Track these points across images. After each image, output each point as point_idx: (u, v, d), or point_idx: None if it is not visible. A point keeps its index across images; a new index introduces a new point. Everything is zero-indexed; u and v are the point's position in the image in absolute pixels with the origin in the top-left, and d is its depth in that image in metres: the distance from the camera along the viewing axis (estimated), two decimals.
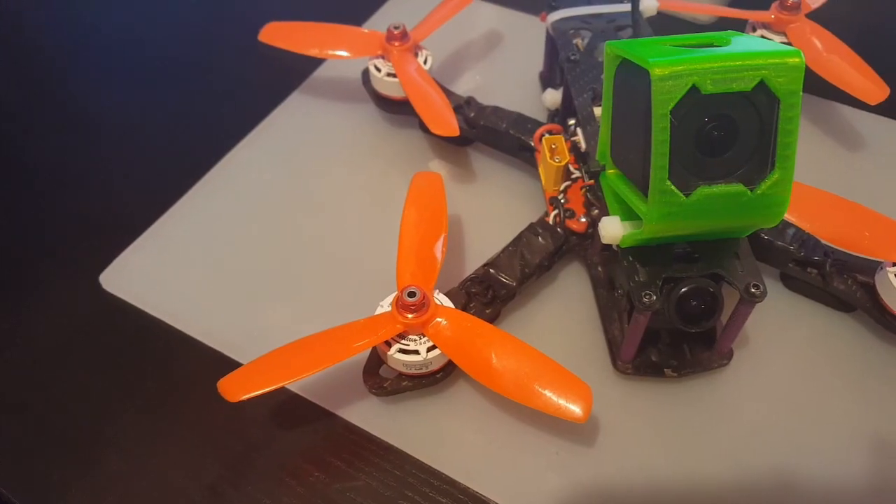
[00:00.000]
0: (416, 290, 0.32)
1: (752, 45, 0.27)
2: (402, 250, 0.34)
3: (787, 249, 0.37)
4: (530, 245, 0.38)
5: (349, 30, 0.47)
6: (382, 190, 0.44)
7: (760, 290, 0.30)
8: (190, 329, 0.39)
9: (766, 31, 0.46)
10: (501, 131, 0.43)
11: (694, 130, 0.27)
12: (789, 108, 0.26)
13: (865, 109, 0.45)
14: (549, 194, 0.40)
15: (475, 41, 0.54)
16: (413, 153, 0.47)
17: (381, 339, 0.32)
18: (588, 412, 0.30)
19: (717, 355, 0.35)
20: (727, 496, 0.32)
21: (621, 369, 0.35)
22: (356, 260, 0.41)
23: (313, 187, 0.45)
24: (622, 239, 0.31)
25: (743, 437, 0.34)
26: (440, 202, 0.37)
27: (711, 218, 0.28)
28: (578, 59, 0.41)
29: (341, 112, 0.49)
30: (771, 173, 0.27)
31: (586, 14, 0.44)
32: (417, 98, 0.42)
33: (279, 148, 0.47)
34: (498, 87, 0.51)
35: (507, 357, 0.31)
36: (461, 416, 0.35)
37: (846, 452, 0.33)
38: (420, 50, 0.46)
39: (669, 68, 0.25)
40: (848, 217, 0.35)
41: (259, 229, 0.43)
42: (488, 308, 0.36)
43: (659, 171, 0.27)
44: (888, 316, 0.35)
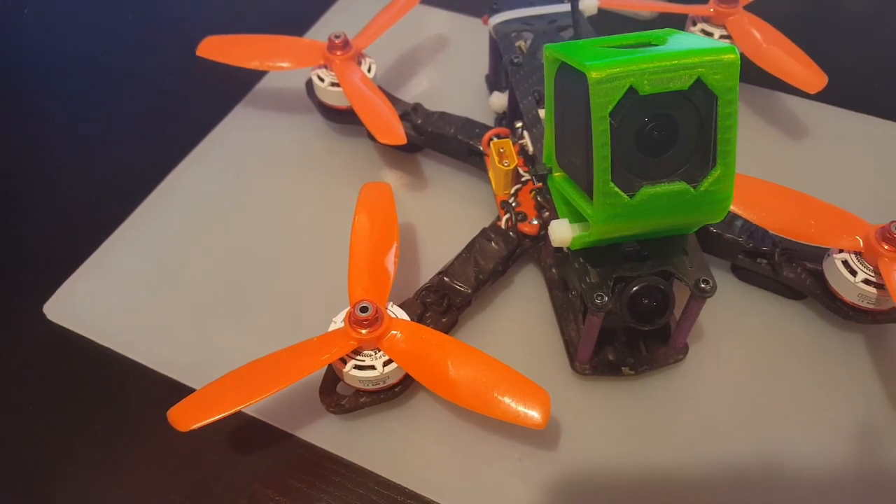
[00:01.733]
0: (368, 305, 0.31)
1: (689, 43, 0.27)
2: (353, 264, 0.34)
3: (735, 241, 0.37)
4: (484, 251, 0.38)
5: (290, 40, 0.46)
6: (333, 201, 0.44)
7: (710, 285, 0.31)
8: (140, 357, 0.37)
9: (705, 25, 0.47)
10: (449, 137, 0.43)
11: (634, 131, 0.27)
12: (727, 104, 0.26)
13: (806, 97, 0.46)
14: (501, 198, 0.40)
15: (420, 46, 0.54)
16: (362, 162, 0.46)
17: (335, 356, 0.31)
18: (547, 418, 0.30)
19: (672, 351, 0.35)
20: (690, 490, 0.33)
21: (579, 370, 0.35)
22: (310, 275, 0.40)
23: (262, 202, 0.44)
24: (572, 241, 0.31)
25: (702, 430, 0.34)
26: (390, 212, 0.36)
27: (657, 217, 0.28)
28: (521, 62, 0.41)
29: (287, 124, 0.48)
30: (713, 170, 0.27)
31: (528, 16, 0.44)
32: (362, 107, 0.41)
33: (224, 164, 0.46)
34: (445, 91, 0.51)
35: (464, 366, 0.31)
36: (422, 428, 0.34)
37: (804, 437, 0.34)
38: (363, 58, 0.45)
39: (606, 71, 0.25)
40: (793, 207, 0.36)
41: (207, 249, 0.42)
42: (445, 317, 0.36)
43: (602, 173, 0.27)
44: (837, 302, 0.36)
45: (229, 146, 0.47)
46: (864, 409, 0.35)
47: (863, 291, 0.34)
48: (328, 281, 0.37)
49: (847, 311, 0.35)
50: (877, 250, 0.34)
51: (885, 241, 0.34)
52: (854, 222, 0.35)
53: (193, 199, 0.44)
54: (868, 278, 0.34)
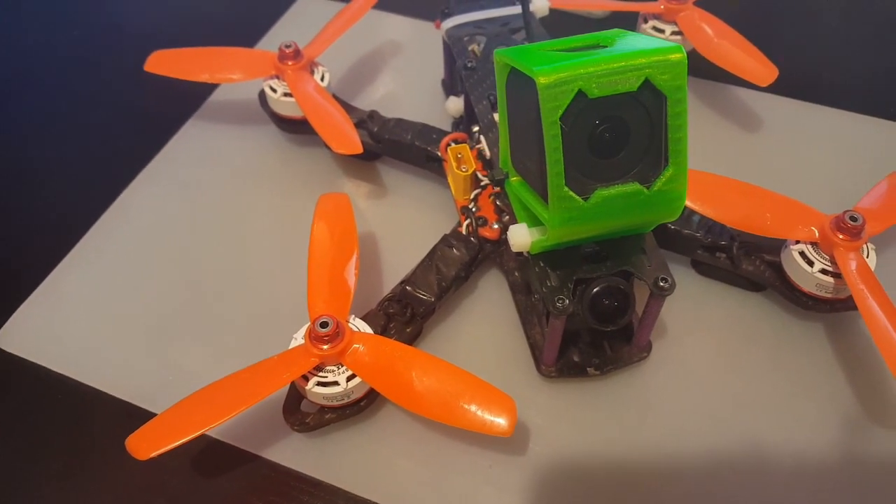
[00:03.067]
0: (328, 320, 0.31)
1: (636, 44, 0.27)
2: (311, 278, 0.33)
3: (694, 237, 0.37)
4: (445, 257, 0.38)
5: (239, 52, 0.45)
6: (291, 214, 0.43)
7: (668, 283, 0.31)
8: (98, 383, 0.36)
9: (657, 22, 0.47)
10: (407, 144, 0.43)
11: (586, 134, 0.27)
12: (676, 103, 0.26)
13: (758, 90, 0.46)
14: (460, 203, 0.40)
15: (374, 53, 0.53)
16: (320, 172, 0.45)
17: (296, 374, 0.30)
18: (513, 425, 0.30)
19: (636, 349, 0.35)
20: (661, 485, 0.33)
21: (545, 373, 0.35)
22: (271, 290, 0.40)
23: (218, 218, 0.43)
24: (531, 246, 0.31)
25: (670, 426, 0.34)
26: (348, 223, 0.36)
27: (612, 218, 0.28)
28: (475, 66, 0.40)
29: (242, 136, 0.48)
30: (665, 169, 0.27)
31: (480, 19, 0.44)
32: (316, 117, 0.40)
33: (179, 180, 0.45)
34: (402, 97, 0.50)
35: (428, 377, 0.30)
36: (390, 441, 0.34)
37: (770, 427, 0.34)
38: (316, 67, 0.45)
39: (554, 76, 0.25)
40: (749, 200, 0.36)
41: (164, 268, 0.41)
42: (409, 326, 0.36)
43: (555, 178, 0.27)
44: (796, 292, 0.36)
45: (183, 161, 0.46)
46: (827, 396, 0.35)
47: (820, 281, 0.35)
48: (290, 295, 0.37)
49: (806, 301, 0.36)
50: (832, 240, 0.34)
51: (840, 231, 0.34)
52: (809, 213, 0.36)
53: (147, 217, 0.43)
54: (825, 268, 0.35)
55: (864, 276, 0.33)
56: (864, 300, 0.33)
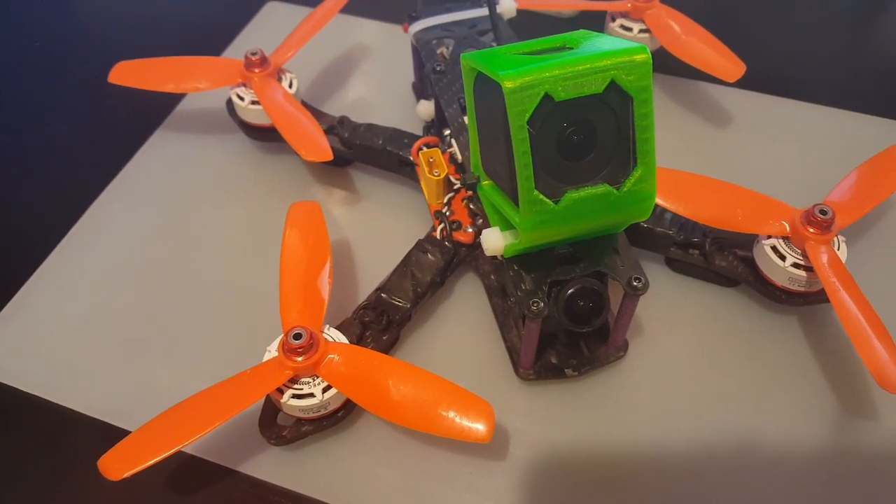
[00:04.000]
0: (301, 331, 0.30)
1: (602, 45, 0.27)
2: (284, 289, 0.33)
3: (667, 234, 0.37)
4: (420, 263, 0.37)
5: (205, 60, 0.45)
6: (263, 222, 0.42)
7: (642, 283, 0.31)
8: (71, 402, 0.36)
9: (624, 20, 0.47)
10: (378, 149, 0.43)
11: (554, 137, 0.27)
12: (642, 104, 0.26)
13: (727, 85, 0.47)
14: (434, 208, 0.40)
15: (343, 57, 0.53)
16: (291, 180, 0.45)
17: (271, 387, 0.30)
18: (492, 431, 0.30)
19: (612, 349, 0.35)
20: (642, 483, 0.33)
21: (523, 376, 0.35)
22: (245, 301, 0.39)
23: (189, 229, 0.43)
24: (504, 249, 0.31)
25: (649, 424, 0.34)
26: (320, 232, 0.36)
27: (583, 220, 0.28)
28: (444, 70, 0.40)
29: (211, 145, 0.47)
30: (634, 170, 0.27)
31: (447, 22, 0.43)
32: (284, 125, 0.40)
33: (148, 192, 0.45)
34: (372, 102, 0.50)
35: (405, 385, 0.30)
36: (370, 451, 0.33)
37: (747, 421, 0.34)
38: (284, 73, 0.44)
39: (520, 79, 0.25)
40: (720, 197, 0.36)
41: (135, 282, 0.40)
42: (385, 334, 0.35)
43: (525, 181, 0.27)
44: (769, 286, 0.36)
45: (151, 173, 0.46)
46: (804, 387, 0.35)
47: (793, 275, 0.35)
48: (264, 306, 0.36)
49: (779, 294, 0.36)
50: (803, 234, 0.34)
51: (810, 225, 0.34)
52: (779, 208, 0.36)
53: (116, 231, 0.43)
54: (797, 262, 0.35)
55: (836, 268, 0.34)
56: (836, 293, 0.33)
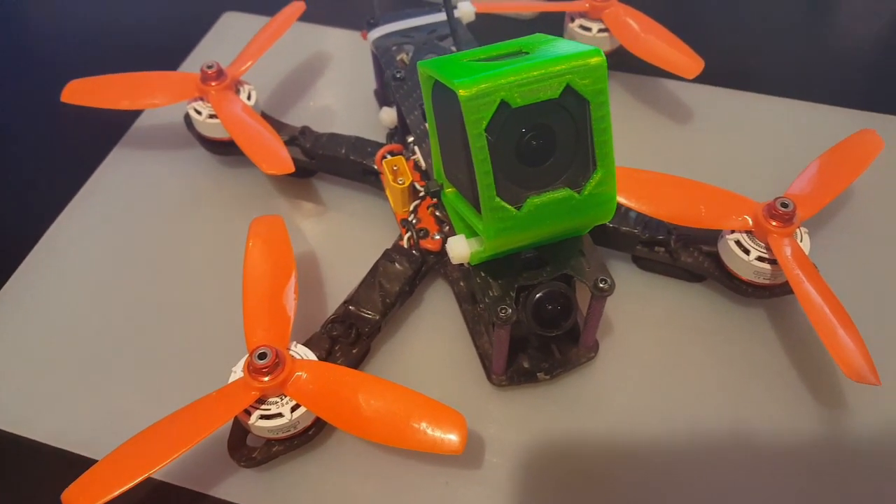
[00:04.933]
0: (266, 351, 0.30)
1: (557, 50, 0.27)
2: (247, 307, 0.32)
3: (632, 233, 0.38)
4: (388, 273, 0.37)
5: (160, 76, 0.44)
6: (227, 238, 0.42)
7: (608, 284, 0.31)
8: (34, 433, 0.35)
9: (583, 20, 0.47)
10: (341, 158, 0.42)
11: (513, 144, 0.27)
12: (599, 107, 0.26)
13: (687, 80, 0.47)
14: (400, 216, 0.39)
15: (303, 66, 0.52)
16: (254, 193, 0.44)
17: (237, 409, 0.29)
18: (464, 442, 0.29)
19: (583, 350, 0.35)
20: (620, 481, 0.33)
21: (496, 382, 0.35)
22: (210, 320, 0.38)
23: (151, 248, 0.42)
24: (470, 257, 0.31)
25: (624, 421, 0.34)
26: (284, 246, 0.35)
27: (546, 225, 0.28)
28: (404, 76, 0.40)
29: (170, 161, 0.46)
30: (594, 173, 0.27)
31: (406, 28, 0.43)
32: (243, 138, 0.39)
33: (107, 212, 0.44)
34: (335, 110, 0.49)
35: (376, 400, 0.30)
36: (343, 467, 0.33)
37: (720, 412, 0.35)
38: (242, 85, 0.44)
39: (475, 87, 0.25)
40: (682, 194, 0.36)
41: (96, 306, 0.39)
42: (355, 347, 0.35)
43: (486, 189, 0.27)
44: (735, 281, 0.37)
45: (110, 193, 0.45)
46: (773, 378, 0.36)
47: (757, 268, 0.35)
48: (230, 325, 0.35)
49: (745, 288, 0.36)
50: (765, 227, 0.35)
51: (773, 218, 0.35)
52: (742, 202, 0.36)
53: (76, 254, 0.42)
54: (761, 255, 0.35)
55: (799, 260, 0.34)
56: (800, 285, 0.33)
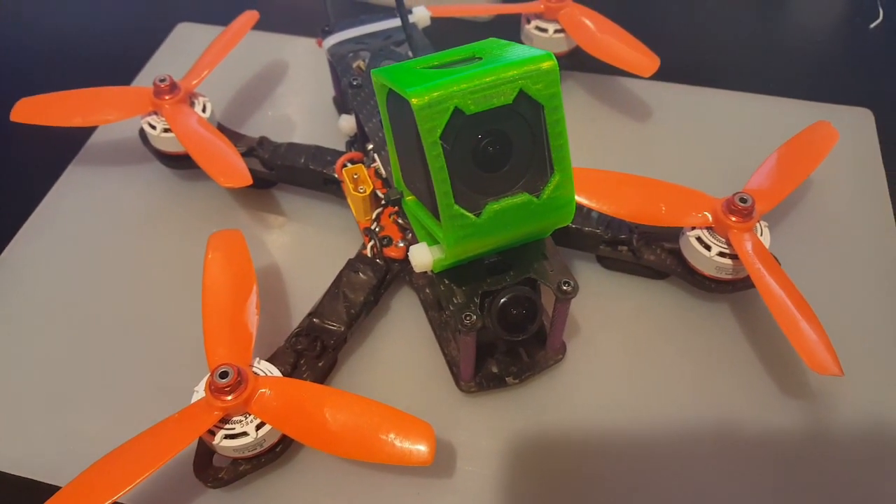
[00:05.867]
0: (228, 369, 0.29)
1: (509, 55, 0.27)
2: (207, 325, 0.32)
3: (595, 233, 0.38)
4: (352, 283, 0.37)
5: (112, 91, 0.43)
6: (187, 255, 0.41)
7: (571, 286, 0.31)
8: None
9: (539, 22, 0.47)
10: (301, 168, 0.42)
11: (469, 150, 0.26)
12: (553, 111, 0.26)
13: (645, 78, 0.47)
14: (363, 225, 0.39)
15: (261, 75, 0.51)
16: (214, 207, 0.43)
17: (201, 430, 0.29)
18: (433, 452, 0.29)
19: (551, 353, 0.35)
20: (593, 481, 0.33)
21: (465, 389, 0.35)
22: (173, 339, 0.37)
23: (109, 268, 0.41)
24: (433, 264, 0.30)
25: (594, 421, 0.34)
26: (243, 261, 0.34)
27: (507, 230, 0.28)
28: (361, 84, 0.40)
29: (127, 177, 0.45)
30: (552, 177, 0.27)
31: (361, 34, 0.43)
32: (198, 152, 0.39)
33: (63, 232, 0.43)
34: (294, 119, 0.49)
35: (342, 414, 0.29)
36: (312, 483, 0.32)
37: (688, 407, 0.35)
38: (196, 98, 0.43)
39: (427, 95, 0.25)
40: (642, 193, 0.37)
41: (55, 329, 0.38)
42: (321, 360, 0.34)
43: (444, 197, 0.26)
44: (698, 277, 0.37)
45: (66, 212, 0.44)
46: (739, 373, 0.36)
47: (719, 264, 0.35)
48: (193, 344, 0.35)
49: (708, 284, 0.37)
50: (725, 223, 0.35)
51: (732, 213, 0.35)
52: (701, 199, 0.36)
53: (32, 276, 0.41)
54: (722, 251, 0.35)
55: (760, 255, 0.34)
56: (762, 279, 0.33)
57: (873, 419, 0.34)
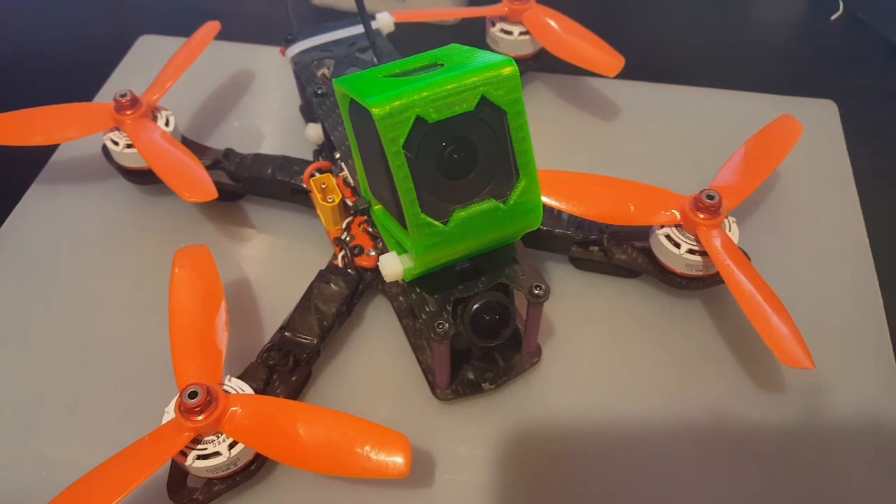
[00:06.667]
0: (197, 389, 0.29)
1: (470, 61, 0.26)
2: (175, 344, 0.31)
3: (566, 235, 0.38)
4: (323, 295, 0.36)
5: (73, 108, 0.42)
6: (156, 270, 0.40)
7: (543, 290, 0.31)
8: None
9: (504, 24, 0.47)
10: (268, 179, 0.41)
11: (434, 159, 0.26)
12: (515, 116, 0.26)
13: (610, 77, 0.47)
14: (333, 235, 0.39)
15: (226, 86, 0.51)
16: (181, 221, 0.43)
17: (172, 451, 0.28)
18: (409, 463, 0.29)
19: (526, 356, 0.35)
20: (572, 484, 0.33)
21: (441, 397, 0.35)
22: (141, 361, 0.37)
23: (76, 288, 0.40)
24: (404, 273, 0.30)
25: (572, 422, 0.34)
26: (211, 277, 0.34)
27: (475, 237, 0.28)
28: (326, 92, 0.39)
29: (92, 194, 0.44)
30: (518, 182, 0.27)
31: (325, 42, 0.42)
32: (162, 167, 0.38)
33: (28, 253, 0.42)
34: (261, 129, 0.48)
35: (315, 429, 0.29)
36: (290, 500, 0.32)
37: (663, 404, 0.35)
38: (159, 112, 0.42)
39: (388, 105, 0.25)
40: (610, 193, 0.37)
41: (22, 353, 0.37)
42: (294, 375, 0.34)
43: (410, 206, 0.26)
44: (669, 274, 0.37)
45: (29, 232, 0.43)
46: (712, 369, 0.36)
47: (689, 261, 0.36)
48: (163, 364, 0.34)
49: (679, 281, 0.37)
50: (693, 220, 0.35)
51: (700, 211, 0.35)
52: (669, 197, 0.36)
53: None
54: (692, 248, 0.36)
55: (729, 250, 0.34)
56: (731, 275, 0.34)
57: (847, 409, 0.34)
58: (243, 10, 0.59)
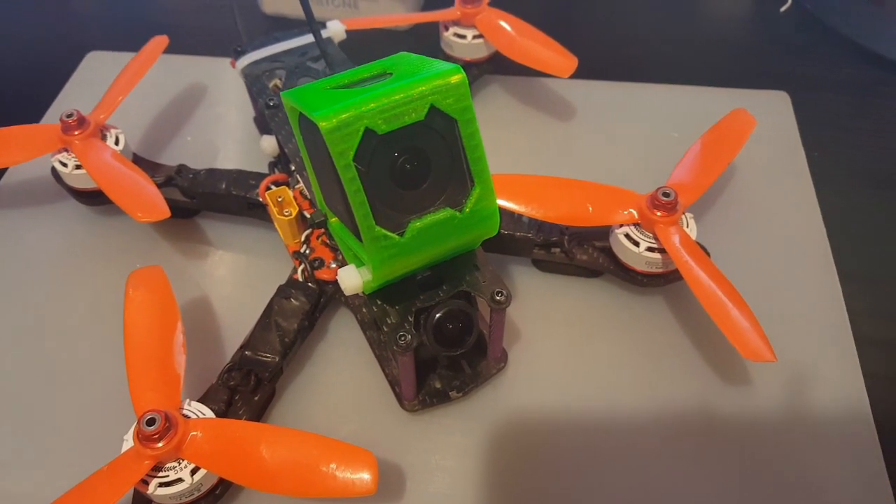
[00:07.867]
0: (155, 416, 0.28)
1: (418, 70, 0.26)
2: (131, 370, 0.30)
3: (527, 238, 0.37)
4: (284, 310, 0.36)
5: (17, 130, 0.41)
6: (111, 295, 0.39)
7: (504, 296, 0.31)
8: None
9: (457, 28, 0.47)
10: (223, 194, 0.40)
11: (386, 170, 0.26)
12: (466, 124, 0.26)
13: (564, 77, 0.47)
14: (292, 248, 0.38)
15: (177, 101, 0.50)
16: (136, 241, 0.42)
17: (133, 480, 0.28)
18: (376, 480, 0.28)
19: (492, 362, 0.35)
20: (542, 487, 0.32)
21: (408, 408, 0.34)
22: (98, 388, 0.36)
23: (28, 315, 0.39)
24: (364, 286, 0.30)
25: (542, 425, 0.34)
26: (166, 299, 0.33)
27: (433, 247, 0.27)
28: (278, 104, 0.39)
29: (43, 218, 0.43)
30: (473, 190, 0.27)
31: (276, 52, 0.42)
32: (111, 187, 0.37)
33: None
34: (216, 143, 0.47)
35: (279, 450, 0.28)
36: None
37: (632, 401, 0.35)
38: (108, 130, 0.41)
39: (335, 118, 0.24)
40: (567, 195, 0.37)
41: None
42: (256, 394, 0.33)
43: (364, 219, 0.26)
44: (630, 273, 0.37)
45: None
46: (677, 362, 0.36)
47: (649, 259, 0.36)
48: (122, 388, 0.33)
49: (640, 279, 0.37)
50: (650, 218, 0.35)
51: (656, 208, 0.35)
52: (626, 196, 0.37)
53: None
54: (651, 246, 0.36)
55: (687, 247, 0.35)
56: (690, 271, 0.34)
57: (811, 401, 0.35)
58: (193, 23, 0.58)
